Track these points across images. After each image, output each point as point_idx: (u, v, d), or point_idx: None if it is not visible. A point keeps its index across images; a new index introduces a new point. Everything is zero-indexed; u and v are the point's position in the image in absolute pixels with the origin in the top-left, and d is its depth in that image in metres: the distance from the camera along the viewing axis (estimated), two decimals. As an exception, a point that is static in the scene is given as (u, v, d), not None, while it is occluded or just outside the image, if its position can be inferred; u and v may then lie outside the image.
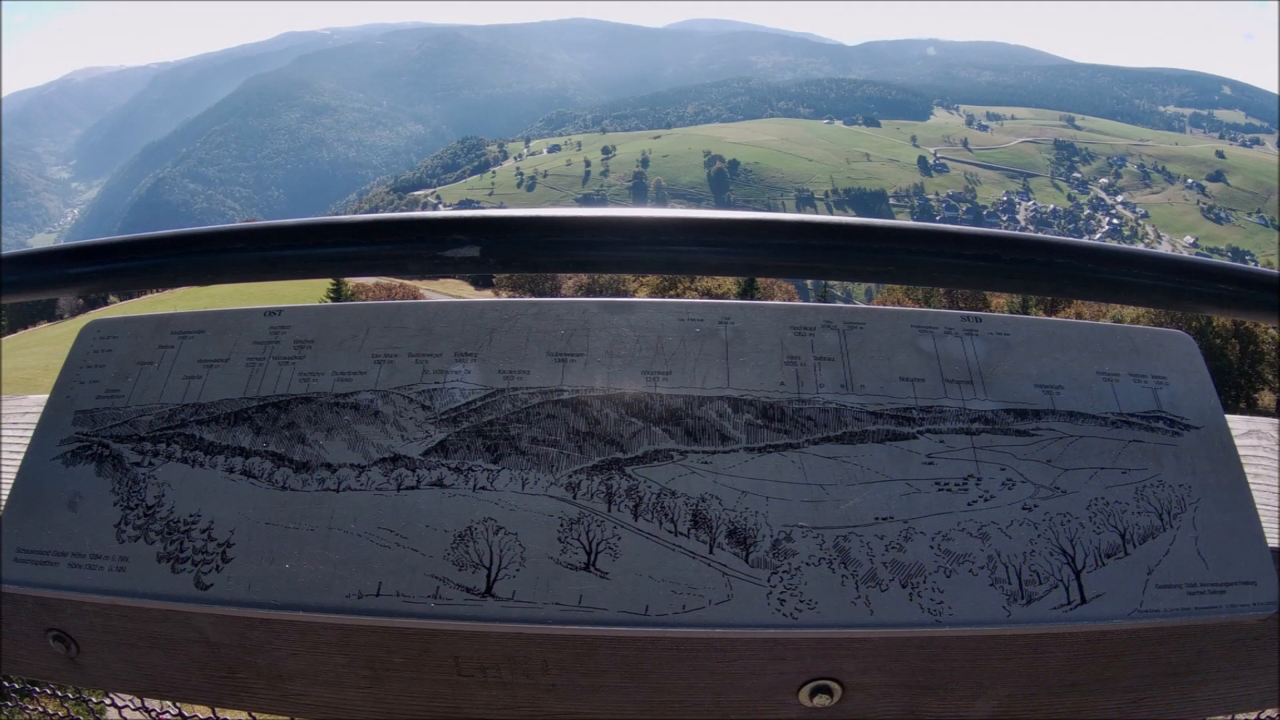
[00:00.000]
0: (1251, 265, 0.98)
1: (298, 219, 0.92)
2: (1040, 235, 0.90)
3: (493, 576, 0.79)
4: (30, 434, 0.94)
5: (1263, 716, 1.27)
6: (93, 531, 0.85)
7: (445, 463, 0.85)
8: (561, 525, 0.81)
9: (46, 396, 0.98)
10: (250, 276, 0.91)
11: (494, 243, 0.86)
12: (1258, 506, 0.85)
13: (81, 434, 0.92)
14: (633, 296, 3.24)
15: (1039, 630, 0.80)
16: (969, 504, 0.82)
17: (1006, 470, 0.83)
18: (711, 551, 0.80)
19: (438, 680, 0.88)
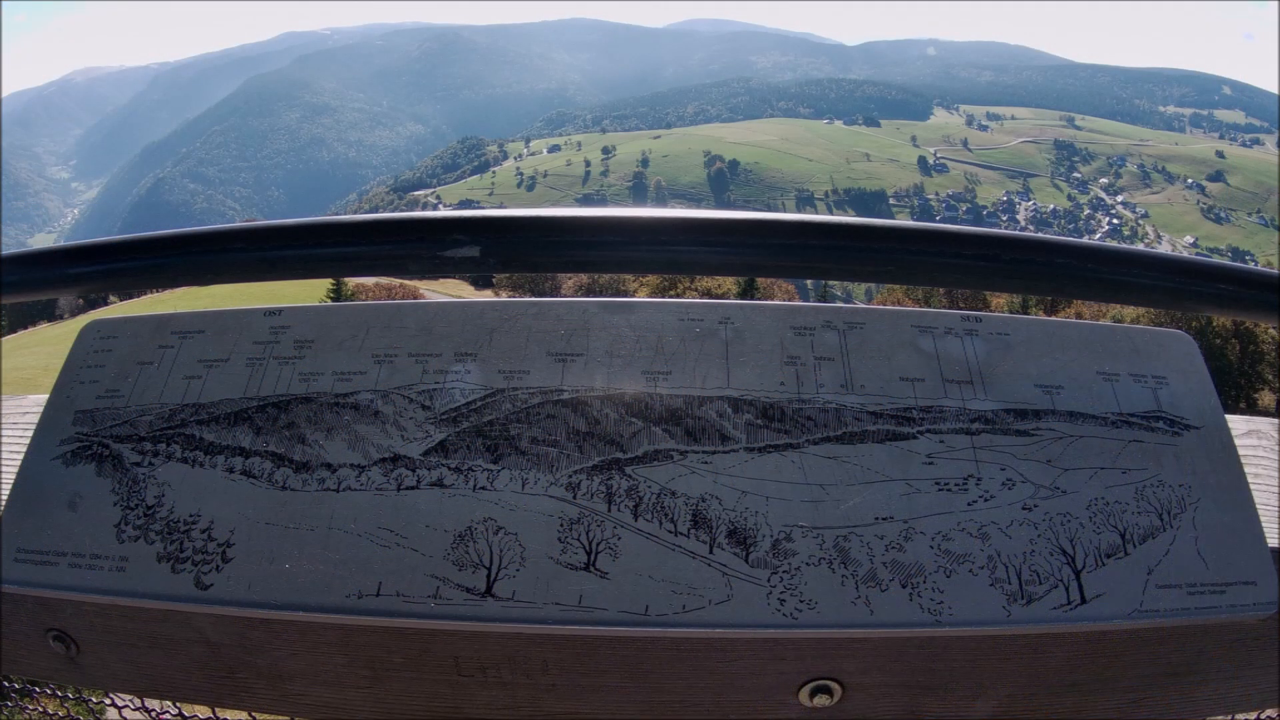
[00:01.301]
0: (1251, 265, 0.98)
1: (298, 219, 0.92)
2: (1040, 235, 0.90)
3: (493, 576, 0.79)
4: (30, 434, 0.94)
5: (1263, 716, 1.27)
6: (93, 531, 0.85)
7: (445, 463, 0.85)
8: (561, 525, 0.81)
9: (46, 396, 0.98)
10: (250, 276, 0.91)
11: (494, 243, 0.86)
12: (1258, 506, 0.85)
13: (81, 434, 0.92)
14: (633, 296, 3.23)
15: (1039, 630, 0.80)
16: (969, 504, 0.82)
17: (1006, 470, 0.83)
18: (711, 551, 0.80)
19: (438, 680, 0.88)
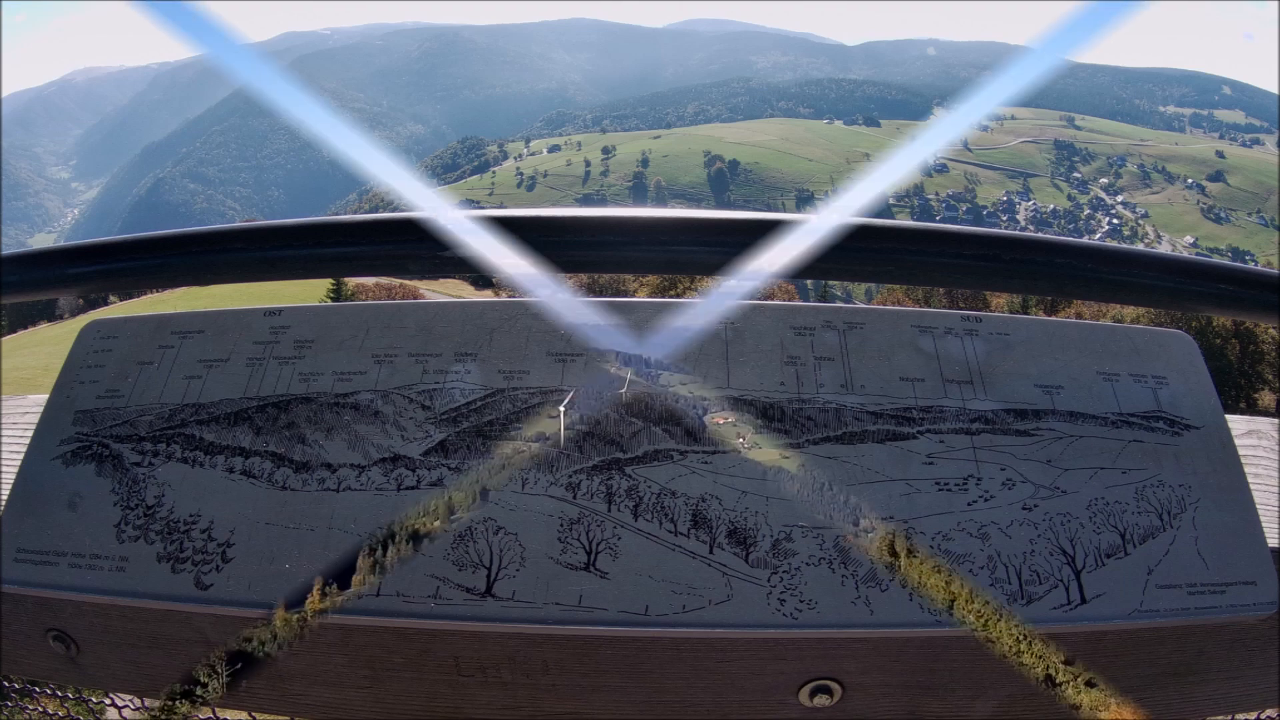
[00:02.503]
0: (1251, 265, 0.98)
1: (298, 219, 0.92)
2: (1040, 235, 0.90)
3: (493, 576, 0.79)
4: (30, 434, 0.94)
5: (1263, 716, 1.27)
6: (93, 531, 0.85)
7: (445, 463, 0.85)
8: (561, 525, 0.81)
9: (46, 396, 0.98)
10: (250, 276, 0.91)
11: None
12: (1258, 506, 0.85)
13: (81, 434, 0.92)
14: (633, 296, 3.23)
15: (1039, 630, 0.80)
16: (969, 504, 0.82)
17: (1006, 470, 0.83)
18: (711, 551, 0.80)
19: (438, 680, 0.88)
